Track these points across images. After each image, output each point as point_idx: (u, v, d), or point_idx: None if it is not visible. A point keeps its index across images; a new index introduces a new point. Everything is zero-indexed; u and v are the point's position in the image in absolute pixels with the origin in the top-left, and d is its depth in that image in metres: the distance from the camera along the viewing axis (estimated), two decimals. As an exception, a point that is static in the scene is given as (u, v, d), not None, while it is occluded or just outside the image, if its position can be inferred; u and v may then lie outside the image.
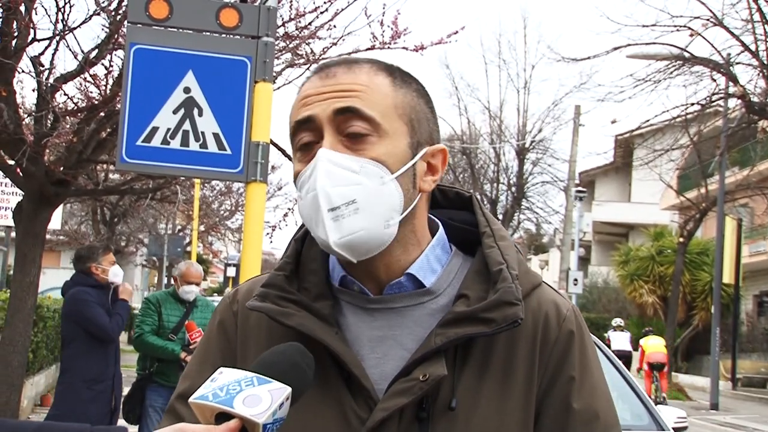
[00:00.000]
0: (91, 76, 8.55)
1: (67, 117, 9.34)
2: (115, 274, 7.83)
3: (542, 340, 1.63)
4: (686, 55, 19.81)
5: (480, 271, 1.65)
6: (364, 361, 1.60)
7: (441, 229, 1.72)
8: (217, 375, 1.40)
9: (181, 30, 5.79)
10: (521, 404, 1.59)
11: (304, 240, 1.74)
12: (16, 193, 13.51)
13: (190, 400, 1.38)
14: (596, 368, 1.69)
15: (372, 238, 1.56)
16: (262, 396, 1.36)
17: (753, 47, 18.14)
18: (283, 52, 9.10)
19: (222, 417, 1.35)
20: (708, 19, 18.93)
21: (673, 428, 5.59)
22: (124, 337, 8.55)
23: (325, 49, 9.26)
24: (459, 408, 1.56)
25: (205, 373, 1.63)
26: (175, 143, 5.61)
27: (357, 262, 1.60)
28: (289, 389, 1.38)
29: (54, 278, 41.05)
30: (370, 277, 1.64)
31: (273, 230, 11.79)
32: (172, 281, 8.48)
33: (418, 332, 1.61)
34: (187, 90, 5.64)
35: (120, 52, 8.34)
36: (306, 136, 1.60)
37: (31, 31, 7.94)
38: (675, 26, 19.40)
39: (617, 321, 25.43)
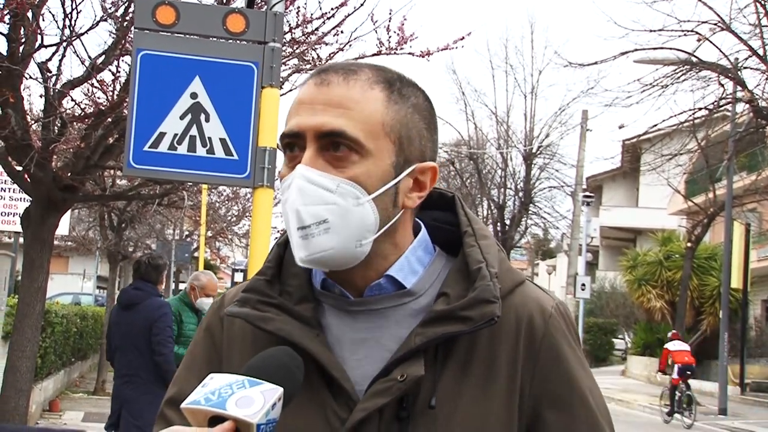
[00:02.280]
0: (98, 81, 8.57)
1: (75, 123, 9.36)
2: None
3: (526, 339, 1.62)
4: (694, 59, 19.78)
5: (461, 270, 1.65)
6: (346, 362, 1.61)
7: (423, 231, 1.72)
8: (207, 380, 1.40)
9: (187, 36, 5.80)
10: (504, 403, 1.59)
11: (286, 244, 1.74)
12: (24, 199, 13.52)
13: (182, 405, 1.37)
14: (585, 362, 1.70)
15: (342, 255, 1.57)
16: (254, 397, 1.36)
17: (761, 52, 18.09)
18: (290, 57, 9.12)
19: (215, 420, 1.35)
20: (715, 24, 18.90)
21: None
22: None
23: (332, 55, 9.27)
24: (439, 407, 1.56)
25: (191, 379, 1.66)
26: (182, 149, 5.62)
27: (331, 271, 1.62)
28: (280, 389, 1.38)
29: (62, 284, 41.22)
30: (348, 283, 1.64)
31: (280, 235, 11.80)
32: (188, 290, 8.46)
33: (399, 333, 1.61)
34: (194, 95, 5.65)
35: (127, 58, 8.35)
36: (293, 143, 1.60)
37: (39, 37, 7.97)
38: (682, 31, 19.37)
39: None
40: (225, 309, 1.69)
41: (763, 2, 17.39)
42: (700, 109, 20.95)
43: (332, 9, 9.02)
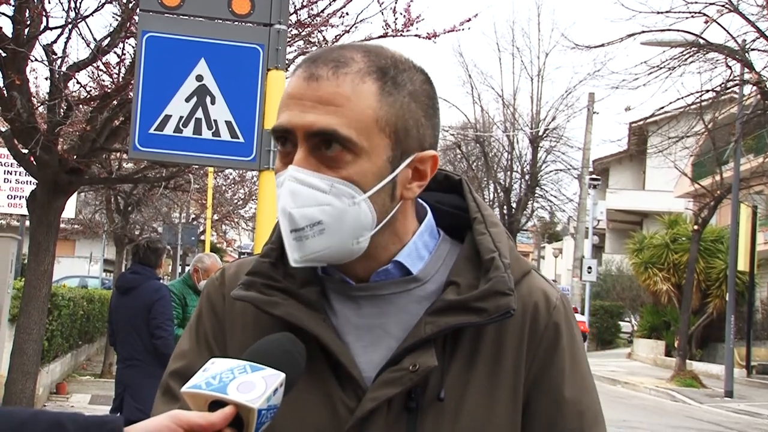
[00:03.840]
0: (103, 64, 8.56)
1: (80, 105, 9.35)
2: None
3: (531, 329, 1.61)
4: (701, 41, 19.70)
5: (470, 258, 1.62)
6: (351, 349, 1.58)
7: (429, 215, 1.68)
8: (209, 365, 1.39)
9: (193, 18, 5.76)
10: (510, 394, 1.58)
11: None
12: (30, 182, 13.53)
13: (183, 390, 1.36)
14: (584, 359, 1.68)
15: (339, 253, 1.53)
16: (256, 382, 1.34)
17: (768, 33, 18.01)
18: (296, 39, 9.09)
19: (216, 405, 1.33)
20: (723, 6, 18.81)
21: None
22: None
23: (338, 37, 9.24)
24: (448, 398, 1.54)
25: (201, 351, 1.64)
26: (188, 131, 5.60)
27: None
28: (282, 375, 1.37)
29: (69, 267, 41.31)
30: (349, 272, 1.61)
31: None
32: (192, 272, 8.44)
33: (405, 320, 1.58)
34: (199, 78, 5.62)
35: (132, 41, 8.34)
36: (284, 137, 1.55)
37: (44, 19, 7.95)
38: (690, 12, 19.28)
39: None
40: (231, 292, 1.64)
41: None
42: (707, 91, 20.88)
43: (338, -10, 8.98)
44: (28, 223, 10.86)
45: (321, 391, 1.55)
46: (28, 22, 7.80)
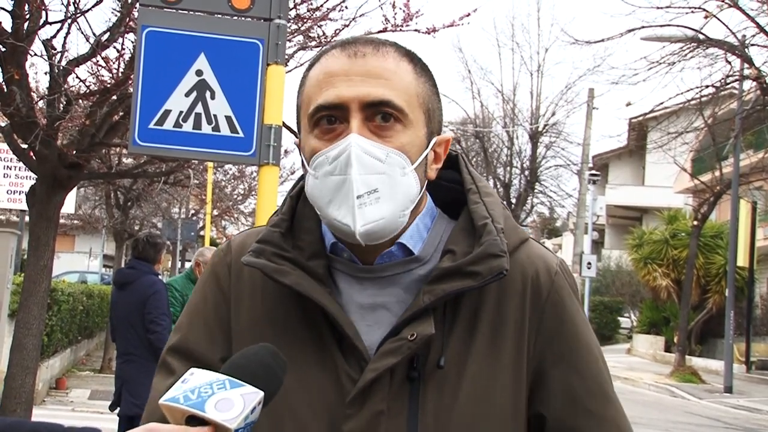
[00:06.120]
0: (103, 59, 8.54)
1: (80, 100, 9.33)
2: None
3: (532, 296, 1.64)
4: (701, 37, 19.69)
5: (466, 228, 1.66)
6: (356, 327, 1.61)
7: (429, 199, 1.73)
8: (188, 376, 1.38)
9: (192, 12, 5.76)
10: (512, 361, 1.61)
11: (299, 197, 1.74)
12: (30, 177, 13.52)
13: (161, 401, 1.36)
14: (587, 321, 1.73)
15: (388, 226, 1.58)
16: (234, 400, 1.34)
17: (768, 29, 17.99)
18: (295, 34, 9.06)
19: (193, 419, 1.33)
20: (723, 1, 18.79)
21: None
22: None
23: (337, 31, 9.23)
24: (449, 366, 1.57)
25: (197, 327, 1.67)
26: (188, 126, 5.59)
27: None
28: (261, 394, 1.36)
29: (68, 262, 41.32)
30: (365, 250, 1.64)
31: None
32: (194, 266, 8.43)
33: (406, 298, 1.62)
34: (199, 73, 5.62)
35: (132, 35, 8.32)
36: (329, 115, 1.59)
37: (43, 13, 7.92)
38: (690, 8, 19.28)
39: None
40: (242, 258, 1.66)
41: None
42: (706, 86, 20.89)
43: (337, -15, 8.96)
44: (27, 218, 10.84)
45: (327, 363, 1.59)
46: (28, 17, 7.78)
